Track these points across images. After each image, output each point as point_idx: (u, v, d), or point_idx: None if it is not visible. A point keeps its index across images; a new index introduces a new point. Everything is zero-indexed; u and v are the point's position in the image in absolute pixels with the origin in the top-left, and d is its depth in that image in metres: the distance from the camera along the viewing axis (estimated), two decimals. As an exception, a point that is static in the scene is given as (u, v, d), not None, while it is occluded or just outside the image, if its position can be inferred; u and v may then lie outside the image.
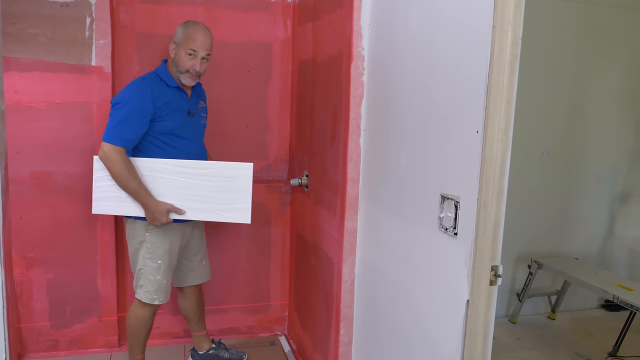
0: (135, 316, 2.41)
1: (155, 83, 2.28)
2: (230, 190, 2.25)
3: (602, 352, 3.14)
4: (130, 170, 2.19)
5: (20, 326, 2.75)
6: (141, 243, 2.33)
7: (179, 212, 2.25)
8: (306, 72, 2.72)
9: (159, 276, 2.34)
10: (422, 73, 1.65)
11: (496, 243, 1.36)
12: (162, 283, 2.35)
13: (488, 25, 1.30)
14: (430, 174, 1.60)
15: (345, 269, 2.18)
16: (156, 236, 2.31)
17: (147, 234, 2.31)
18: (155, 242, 2.32)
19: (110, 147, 2.16)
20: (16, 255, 2.68)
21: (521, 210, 3.41)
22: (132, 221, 2.33)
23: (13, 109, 2.56)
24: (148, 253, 2.32)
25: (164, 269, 2.34)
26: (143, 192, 2.21)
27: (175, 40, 2.31)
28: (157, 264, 2.33)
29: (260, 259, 3.11)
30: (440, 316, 1.56)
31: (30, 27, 2.56)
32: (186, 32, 2.28)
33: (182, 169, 2.24)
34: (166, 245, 2.34)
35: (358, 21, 2.04)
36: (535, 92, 3.33)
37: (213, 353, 2.73)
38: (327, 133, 2.37)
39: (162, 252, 2.33)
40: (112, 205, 2.28)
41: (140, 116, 2.20)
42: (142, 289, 2.35)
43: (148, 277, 2.33)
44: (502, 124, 1.30)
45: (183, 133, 2.34)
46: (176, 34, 2.32)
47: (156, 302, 2.36)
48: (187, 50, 2.26)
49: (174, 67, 2.32)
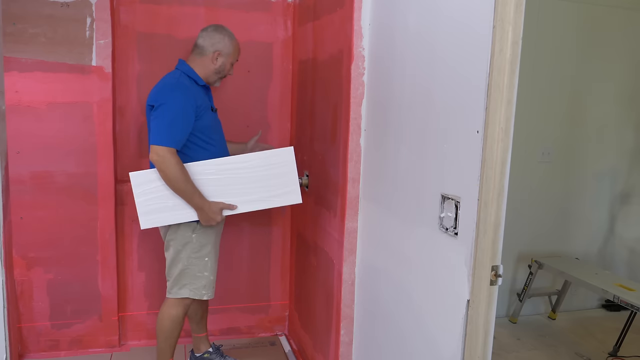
0: (168, 317, 2.41)
1: (189, 82, 2.32)
2: (276, 176, 2.30)
3: (602, 352, 3.14)
4: (184, 173, 2.18)
5: (20, 326, 2.75)
6: (186, 245, 2.34)
7: (231, 208, 2.28)
8: (306, 72, 2.72)
9: (206, 272, 2.38)
10: (422, 73, 1.65)
11: (497, 243, 1.36)
12: (210, 279, 2.39)
13: (488, 25, 1.30)
14: (431, 174, 1.60)
15: (346, 269, 2.18)
16: (202, 235, 2.34)
17: (193, 235, 2.33)
18: (202, 241, 2.35)
19: (165, 149, 2.14)
20: (17, 255, 2.69)
21: (521, 210, 3.41)
22: (176, 225, 2.32)
23: (13, 109, 2.56)
24: (194, 253, 2.34)
25: (211, 265, 2.39)
26: (198, 194, 2.22)
27: (222, 50, 2.38)
28: (204, 261, 2.36)
29: (261, 259, 3.11)
30: (440, 316, 1.56)
31: (31, 27, 2.56)
32: (233, 44, 2.41)
33: (227, 166, 2.26)
34: (212, 243, 2.38)
35: (358, 21, 2.04)
36: (535, 91, 3.33)
37: (207, 357, 2.73)
38: (328, 133, 2.37)
39: (209, 250, 2.37)
40: (161, 216, 2.26)
41: (187, 115, 2.22)
42: (188, 287, 2.37)
43: (196, 274, 2.36)
44: (502, 124, 1.30)
45: (215, 129, 2.42)
46: (222, 42, 2.38)
47: (205, 297, 2.39)
48: (233, 61, 2.44)
49: (211, 72, 2.39)
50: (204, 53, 2.37)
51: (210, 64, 2.38)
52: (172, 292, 2.38)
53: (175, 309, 2.40)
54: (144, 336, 2.97)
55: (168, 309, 2.41)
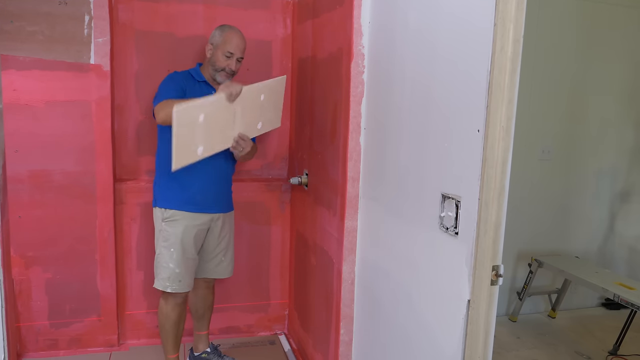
0: (159, 309, 2.48)
1: (185, 75, 2.43)
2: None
3: (602, 351, 3.14)
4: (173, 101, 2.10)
5: (19, 325, 2.74)
6: (159, 232, 2.41)
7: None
8: (306, 70, 2.71)
9: (171, 264, 2.38)
10: (422, 72, 1.64)
11: (497, 243, 1.35)
12: (175, 272, 2.39)
13: (489, 23, 1.29)
14: (431, 173, 1.59)
15: (346, 268, 2.17)
16: (170, 224, 2.38)
17: (163, 223, 2.39)
18: (170, 231, 2.38)
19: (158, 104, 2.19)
20: (15, 254, 2.68)
21: (522, 209, 3.41)
22: (155, 209, 2.43)
23: (11, 107, 2.55)
24: (163, 241, 2.39)
25: (177, 258, 2.38)
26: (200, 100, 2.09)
27: (213, 42, 2.42)
28: (170, 252, 2.38)
29: (260, 258, 3.10)
30: (441, 316, 1.55)
31: (29, 25, 2.55)
32: (224, 35, 2.40)
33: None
34: (178, 234, 2.38)
35: (358, 19, 2.02)
36: (536, 89, 3.32)
37: (205, 357, 2.72)
38: (327, 131, 2.36)
39: (174, 241, 2.38)
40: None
41: (173, 85, 2.31)
42: (158, 276, 2.42)
43: (162, 264, 2.40)
44: (503, 122, 1.30)
45: None
46: (213, 36, 2.42)
47: (168, 289, 2.39)
48: (224, 52, 2.39)
49: (209, 67, 2.43)
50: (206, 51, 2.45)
51: (206, 59, 2.45)
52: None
53: (163, 300, 2.46)
54: (143, 335, 2.96)
55: (160, 300, 2.48)
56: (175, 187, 2.38)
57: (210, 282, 2.68)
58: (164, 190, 2.42)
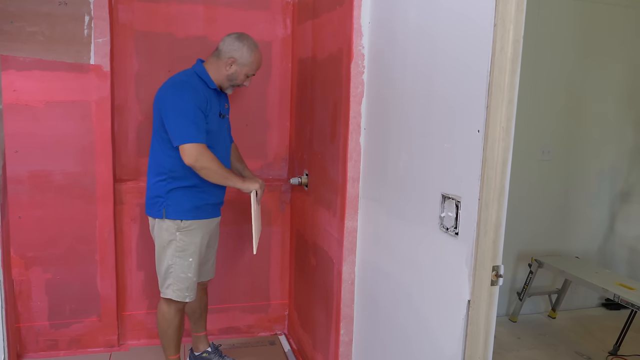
0: (161, 314, 2.44)
1: (198, 82, 2.31)
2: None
3: (602, 351, 3.13)
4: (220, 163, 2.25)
5: (19, 326, 2.74)
6: (170, 242, 2.33)
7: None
8: (306, 70, 2.71)
9: (190, 274, 2.36)
10: (422, 72, 1.64)
11: (497, 243, 1.35)
12: (192, 280, 2.37)
13: (489, 24, 1.29)
14: (431, 173, 1.59)
15: (346, 268, 2.17)
16: (187, 234, 2.33)
17: (177, 233, 2.32)
18: (187, 241, 2.33)
19: (199, 146, 2.17)
20: (15, 255, 2.68)
21: (522, 209, 3.40)
22: (162, 220, 2.32)
23: (11, 108, 2.55)
24: (178, 251, 2.33)
25: (195, 267, 2.36)
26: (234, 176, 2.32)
27: (238, 60, 2.34)
28: (188, 261, 2.34)
29: (260, 258, 3.10)
30: (441, 316, 1.55)
31: (29, 25, 2.55)
32: (253, 56, 2.36)
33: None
34: (197, 243, 2.35)
35: (358, 19, 2.02)
36: (535, 90, 3.32)
37: (206, 357, 2.72)
38: (327, 132, 2.36)
39: (193, 250, 2.35)
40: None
41: (202, 113, 2.23)
42: (172, 287, 2.36)
43: (179, 275, 2.34)
44: (503, 123, 1.29)
45: (218, 134, 2.37)
46: (239, 51, 2.33)
47: (187, 299, 2.38)
48: (249, 72, 2.39)
49: (223, 77, 2.36)
50: (220, 57, 2.35)
51: (223, 69, 2.35)
52: (162, 290, 2.40)
53: (167, 306, 2.42)
54: (143, 336, 2.96)
55: (161, 306, 2.44)
56: (189, 197, 2.31)
57: (205, 284, 2.68)
58: (176, 202, 2.31)
